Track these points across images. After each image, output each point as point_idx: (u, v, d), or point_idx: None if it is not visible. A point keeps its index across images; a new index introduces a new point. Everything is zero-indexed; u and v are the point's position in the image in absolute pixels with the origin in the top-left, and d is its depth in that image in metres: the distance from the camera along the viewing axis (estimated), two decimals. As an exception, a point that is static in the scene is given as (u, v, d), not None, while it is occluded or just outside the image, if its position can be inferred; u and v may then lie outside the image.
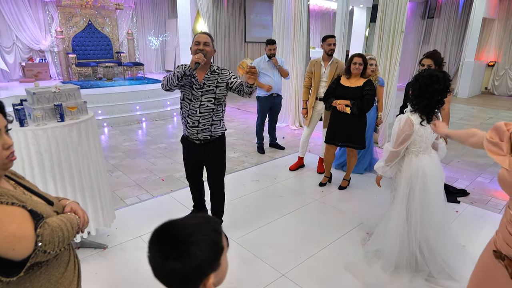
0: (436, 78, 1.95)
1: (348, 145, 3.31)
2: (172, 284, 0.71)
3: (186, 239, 0.69)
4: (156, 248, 0.70)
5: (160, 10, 9.87)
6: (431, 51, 3.04)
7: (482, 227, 2.83)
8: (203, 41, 2.25)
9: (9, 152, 0.89)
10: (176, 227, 0.72)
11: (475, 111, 7.73)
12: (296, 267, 2.29)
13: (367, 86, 3.10)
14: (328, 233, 2.70)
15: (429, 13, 10.88)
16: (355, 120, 3.18)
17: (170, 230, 0.71)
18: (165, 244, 0.69)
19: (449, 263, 2.12)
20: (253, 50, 11.50)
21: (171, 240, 0.69)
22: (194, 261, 0.67)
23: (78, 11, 7.57)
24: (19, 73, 7.63)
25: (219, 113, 2.38)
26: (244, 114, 6.94)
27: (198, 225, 0.72)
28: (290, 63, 5.71)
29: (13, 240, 0.82)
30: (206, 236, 0.70)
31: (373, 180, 3.72)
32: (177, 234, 0.70)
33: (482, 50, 9.96)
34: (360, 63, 3.12)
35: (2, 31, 7.27)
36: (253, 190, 3.47)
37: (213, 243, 0.71)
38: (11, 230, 0.82)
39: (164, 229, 0.72)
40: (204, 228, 0.72)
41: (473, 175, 3.95)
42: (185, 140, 2.49)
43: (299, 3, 5.46)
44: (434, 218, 2.12)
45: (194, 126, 2.33)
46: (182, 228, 0.71)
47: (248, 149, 4.75)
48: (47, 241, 0.90)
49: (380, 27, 4.60)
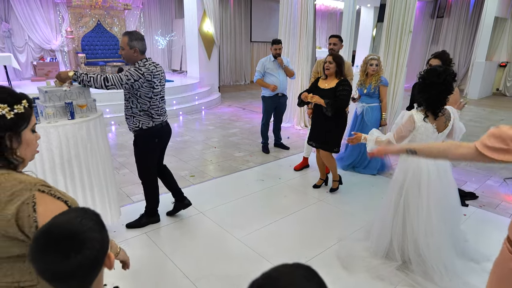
0: (435, 71, 1.95)
1: (321, 147, 3.22)
2: (82, 275, 0.69)
3: (79, 228, 0.68)
4: (52, 252, 0.66)
5: (167, 10, 9.96)
6: (439, 52, 3.00)
7: (491, 231, 2.78)
8: (120, 45, 2.40)
9: (37, 145, 1.02)
10: (57, 226, 0.69)
11: (485, 112, 7.59)
12: (299, 266, 2.29)
13: (339, 86, 3.00)
14: (332, 233, 2.69)
15: (439, 12, 10.72)
16: (331, 122, 3.08)
17: (58, 230, 0.68)
18: (62, 243, 0.66)
19: (439, 269, 2.09)
20: (259, 49, 11.50)
21: (66, 236, 0.67)
22: (96, 243, 0.68)
23: (88, 12, 7.69)
24: (30, 72, 7.79)
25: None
26: (249, 114, 6.95)
27: (84, 211, 0.73)
28: (296, 63, 5.70)
29: None
30: (89, 219, 0.71)
31: (381, 182, 3.70)
32: (68, 229, 0.68)
33: (493, 50, 9.77)
34: (330, 61, 3.01)
35: (15, 31, 7.44)
36: (257, 189, 3.47)
37: (94, 215, 0.72)
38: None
39: (50, 231, 0.68)
40: (78, 215, 0.72)
41: (483, 178, 3.88)
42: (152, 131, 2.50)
43: (305, 3, 5.44)
44: (429, 219, 2.11)
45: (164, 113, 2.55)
46: (64, 223, 0.69)
47: (253, 149, 4.76)
48: None
49: (387, 26, 4.56)
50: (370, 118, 3.72)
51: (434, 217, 2.11)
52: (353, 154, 3.96)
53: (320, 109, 3.10)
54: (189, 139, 5.18)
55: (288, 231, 2.74)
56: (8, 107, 0.89)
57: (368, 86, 3.64)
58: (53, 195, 0.90)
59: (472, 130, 6.03)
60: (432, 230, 2.12)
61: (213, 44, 8.08)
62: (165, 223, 2.78)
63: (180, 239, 2.60)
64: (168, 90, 6.77)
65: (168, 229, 2.71)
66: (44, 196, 0.88)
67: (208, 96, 7.81)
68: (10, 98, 0.91)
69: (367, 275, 2.21)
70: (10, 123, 0.89)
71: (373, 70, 3.57)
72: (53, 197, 0.90)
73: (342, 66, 3.03)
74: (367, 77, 3.66)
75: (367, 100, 3.72)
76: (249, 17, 10.93)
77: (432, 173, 2.11)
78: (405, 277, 2.17)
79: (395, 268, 2.22)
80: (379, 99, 3.69)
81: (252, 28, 11.09)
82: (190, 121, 6.32)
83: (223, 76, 10.69)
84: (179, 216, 2.91)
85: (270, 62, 4.30)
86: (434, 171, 2.12)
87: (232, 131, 5.63)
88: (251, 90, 10.02)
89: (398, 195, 2.19)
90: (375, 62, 3.55)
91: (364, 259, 2.31)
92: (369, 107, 3.72)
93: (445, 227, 2.16)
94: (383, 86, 3.62)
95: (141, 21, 9.41)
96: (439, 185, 2.12)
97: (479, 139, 1.22)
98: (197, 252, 2.44)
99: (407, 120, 2.08)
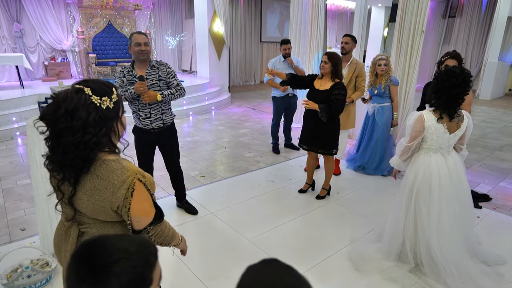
0: (454, 73, 1.95)
1: (313, 150, 3.11)
2: None
3: (107, 266, 0.60)
4: (73, 268, 0.62)
5: (177, 10, 10.01)
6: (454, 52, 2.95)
7: (505, 234, 2.74)
8: (143, 42, 2.45)
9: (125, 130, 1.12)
10: (101, 248, 0.63)
11: (498, 113, 7.46)
12: (312, 268, 2.28)
13: (334, 90, 2.83)
14: (343, 235, 2.67)
15: (450, 12, 10.57)
16: (323, 124, 2.92)
17: (94, 251, 0.63)
18: (83, 266, 0.61)
19: (451, 271, 2.06)
20: (269, 50, 11.49)
21: (91, 263, 0.61)
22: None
23: (99, 12, 7.77)
24: (42, 72, 7.91)
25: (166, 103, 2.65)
26: (259, 114, 6.95)
27: (128, 252, 0.63)
28: (307, 63, 5.68)
29: (142, 214, 1.08)
30: (132, 269, 0.62)
31: (391, 183, 3.66)
32: (99, 258, 0.61)
33: (506, 51, 9.59)
34: (325, 61, 2.85)
35: (27, 31, 7.56)
36: (268, 190, 3.47)
37: (139, 278, 0.63)
38: (146, 208, 1.08)
39: (88, 248, 0.63)
40: (134, 258, 0.63)
41: (496, 180, 3.82)
42: (137, 130, 2.70)
43: (316, 3, 5.41)
44: (441, 221, 2.09)
45: (147, 118, 2.58)
46: (108, 251, 0.62)
47: (263, 149, 4.75)
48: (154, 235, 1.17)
49: (399, 27, 4.51)
50: (381, 118, 3.69)
51: (445, 218, 2.09)
52: (364, 156, 3.93)
53: (311, 110, 2.96)
54: (199, 139, 5.21)
55: (299, 232, 2.73)
56: (109, 99, 0.99)
57: (379, 87, 3.62)
58: (144, 185, 1.05)
59: (484, 131, 5.93)
60: (444, 232, 2.09)
61: (223, 44, 8.10)
62: (175, 224, 2.80)
63: (190, 239, 2.61)
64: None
65: (179, 230, 2.72)
66: (140, 184, 1.04)
67: (218, 96, 7.83)
68: (107, 89, 1.00)
69: (379, 277, 2.19)
70: (114, 112, 1.00)
71: (382, 70, 3.54)
72: (144, 187, 1.06)
73: (339, 66, 2.86)
74: (376, 78, 3.64)
75: (378, 100, 3.70)
76: (259, 17, 10.93)
77: (443, 175, 2.09)
78: (418, 279, 2.15)
79: (408, 271, 2.20)
80: (390, 98, 3.66)
81: (262, 28, 11.08)
82: (200, 121, 6.35)
83: (232, 76, 10.70)
84: (189, 216, 2.93)
85: (280, 62, 4.29)
86: (445, 172, 2.10)
87: (242, 132, 5.64)
88: (261, 90, 10.02)
89: (409, 197, 2.18)
90: (383, 62, 3.53)
91: (376, 261, 2.30)
92: (380, 107, 3.70)
93: (457, 229, 2.13)
94: (394, 86, 3.60)
95: (152, 21, 9.48)
96: (450, 186, 2.10)
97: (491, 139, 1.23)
98: (207, 253, 2.45)
99: (416, 120, 2.08)
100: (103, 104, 0.98)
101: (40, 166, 2.16)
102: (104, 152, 1.03)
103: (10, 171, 3.83)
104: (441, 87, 1.98)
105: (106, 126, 0.99)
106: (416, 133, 2.08)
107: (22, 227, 2.73)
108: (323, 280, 2.18)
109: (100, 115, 0.97)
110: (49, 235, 2.27)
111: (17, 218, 2.86)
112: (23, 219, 2.85)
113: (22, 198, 3.20)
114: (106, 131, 0.99)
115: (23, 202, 3.13)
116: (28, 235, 2.62)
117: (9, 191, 3.35)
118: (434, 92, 2.02)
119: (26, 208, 3.01)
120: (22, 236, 2.61)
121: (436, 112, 2.06)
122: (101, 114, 0.97)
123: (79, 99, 0.94)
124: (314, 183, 3.45)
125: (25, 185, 3.46)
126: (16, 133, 5.09)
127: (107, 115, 0.99)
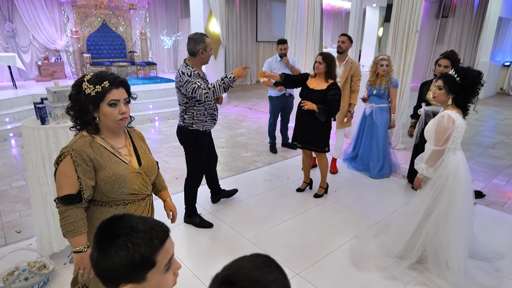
0: (474, 72, 2.04)
1: (306, 147, 3.17)
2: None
3: (113, 238, 0.68)
4: (94, 236, 0.72)
5: (173, 10, 9.96)
6: (449, 52, 3.00)
7: (498, 230, 2.78)
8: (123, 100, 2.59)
9: (122, 116, 1.28)
10: (117, 222, 0.72)
11: (490, 112, 7.57)
12: (311, 266, 2.30)
13: (330, 90, 2.88)
14: (342, 233, 2.69)
15: (443, 12, 10.69)
16: (315, 122, 2.98)
17: (111, 223, 0.72)
18: (100, 235, 0.71)
19: (453, 267, 2.09)
20: (265, 50, 11.50)
21: (103, 233, 0.71)
22: (106, 263, 0.67)
23: (93, 11, 7.70)
24: (35, 72, 7.82)
25: None
26: (256, 114, 6.95)
27: (135, 230, 0.70)
28: (303, 63, 5.69)
29: (56, 184, 1.27)
30: (132, 245, 0.68)
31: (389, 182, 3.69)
32: (110, 229, 0.71)
33: (497, 50, 9.75)
34: (319, 61, 2.89)
35: (19, 31, 7.46)
36: (266, 189, 3.48)
37: (139, 255, 0.68)
38: (60, 181, 1.25)
39: (110, 220, 0.73)
40: (138, 236, 0.69)
41: (489, 177, 3.88)
42: (202, 134, 2.67)
43: (312, 3, 5.43)
44: (455, 217, 2.11)
45: (216, 117, 2.72)
46: (120, 226, 0.71)
47: (261, 149, 4.76)
48: (58, 212, 1.27)
49: (394, 27, 4.55)
50: (379, 119, 3.68)
51: (460, 214, 2.12)
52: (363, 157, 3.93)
53: (303, 109, 2.99)
54: (195, 139, 5.19)
55: (297, 230, 2.74)
56: (93, 87, 1.22)
57: (378, 87, 3.59)
58: (75, 163, 1.22)
59: (477, 129, 6.01)
60: (455, 227, 2.12)
61: (219, 44, 8.08)
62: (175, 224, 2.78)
63: (190, 239, 2.61)
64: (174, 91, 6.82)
65: (178, 230, 2.72)
66: (69, 160, 1.22)
67: (213, 96, 7.81)
68: (97, 80, 1.23)
69: (378, 274, 2.21)
70: (92, 98, 1.23)
71: (383, 71, 3.51)
72: (73, 165, 1.22)
73: (333, 67, 2.90)
74: (377, 78, 3.61)
75: (376, 101, 3.68)
76: (255, 16, 10.93)
77: (466, 170, 2.13)
78: (417, 275, 2.18)
79: (407, 267, 2.22)
80: (388, 100, 3.66)
81: (258, 28, 11.09)
82: (196, 121, 6.32)
83: (228, 76, 10.69)
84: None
85: (277, 62, 4.30)
86: (467, 166, 2.15)
87: (239, 131, 5.64)
88: (258, 90, 10.02)
89: (436, 199, 2.15)
90: (385, 62, 3.50)
91: (375, 258, 2.32)
92: (378, 108, 3.69)
93: (464, 224, 2.16)
94: (394, 88, 3.58)
95: (147, 21, 9.42)
96: (468, 180, 2.15)
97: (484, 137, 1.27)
98: (207, 252, 2.44)
99: (448, 121, 2.06)
100: (87, 90, 1.23)
101: (36, 167, 2.14)
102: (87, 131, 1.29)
103: (4, 173, 3.78)
104: (463, 86, 2.03)
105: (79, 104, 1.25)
106: (449, 133, 2.07)
107: (17, 229, 2.70)
108: (321, 278, 2.19)
109: (80, 96, 1.25)
110: (46, 237, 2.24)
111: (13, 221, 2.82)
112: (19, 221, 2.82)
113: (17, 200, 3.16)
114: (79, 107, 1.25)
115: (18, 204, 3.09)
116: (24, 237, 2.59)
117: (3, 193, 3.30)
118: (465, 93, 2.05)
119: (21, 211, 2.98)
120: (18, 238, 2.58)
121: (459, 110, 2.09)
122: (82, 96, 1.24)
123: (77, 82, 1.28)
124: (311, 182, 3.47)
125: (20, 187, 3.41)
126: (9, 134, 5.02)
127: (84, 98, 1.24)
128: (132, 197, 1.34)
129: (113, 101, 1.25)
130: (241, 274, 0.61)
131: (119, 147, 1.34)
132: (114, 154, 1.30)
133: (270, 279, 0.61)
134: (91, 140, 1.27)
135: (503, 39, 9.71)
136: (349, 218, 2.93)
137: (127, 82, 1.33)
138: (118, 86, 1.26)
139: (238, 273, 0.61)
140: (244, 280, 0.60)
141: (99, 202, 1.31)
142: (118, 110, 1.26)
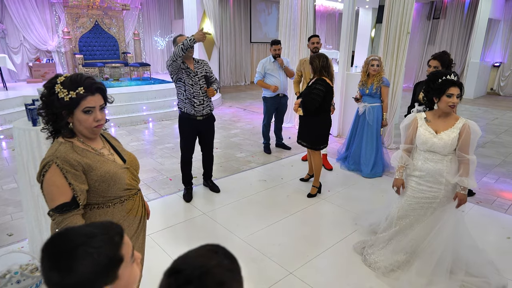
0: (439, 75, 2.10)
1: (299, 142, 3.35)
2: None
3: (70, 252, 0.66)
4: (43, 260, 0.68)
5: (166, 10, 9.93)
6: (439, 53, 3.05)
7: (488, 227, 2.83)
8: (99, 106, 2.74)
9: (97, 124, 1.24)
10: (65, 238, 0.69)
11: (480, 111, 7.70)
12: (304, 265, 2.32)
13: (313, 85, 3.08)
14: (335, 232, 2.72)
15: (435, 13, 10.85)
16: (314, 120, 3.17)
17: (57, 243, 0.68)
18: (50, 257, 0.67)
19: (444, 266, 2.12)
20: (259, 50, 11.52)
21: (56, 254, 0.67)
22: (73, 278, 0.65)
23: (85, 12, 7.64)
24: (26, 74, 7.72)
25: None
26: (250, 115, 6.97)
27: (89, 236, 0.68)
28: (296, 64, 5.72)
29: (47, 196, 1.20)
30: (95, 250, 0.66)
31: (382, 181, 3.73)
32: (63, 248, 0.67)
33: (487, 51, 9.92)
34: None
35: (9, 31, 7.36)
36: (260, 189, 3.49)
37: (105, 257, 0.67)
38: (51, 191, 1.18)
39: (52, 241, 0.69)
40: (96, 239, 0.68)
41: (479, 175, 3.94)
42: (185, 117, 2.98)
43: (305, 4, 5.47)
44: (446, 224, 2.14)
45: (201, 104, 2.93)
46: (71, 239, 0.68)
47: (255, 149, 4.78)
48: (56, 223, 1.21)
49: (386, 28, 4.61)
50: (372, 118, 3.77)
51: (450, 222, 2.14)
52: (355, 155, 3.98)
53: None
54: (189, 140, 5.18)
55: (291, 230, 2.76)
56: (67, 92, 1.17)
57: (370, 87, 3.69)
58: (63, 170, 1.16)
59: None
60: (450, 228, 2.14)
61: (213, 45, 8.08)
62: (168, 225, 2.79)
63: (183, 240, 2.61)
64: (169, 91, 6.80)
65: (171, 231, 2.72)
66: (56, 169, 1.16)
67: (207, 97, 7.81)
68: (71, 85, 1.17)
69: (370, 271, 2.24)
70: (65, 103, 1.18)
71: (374, 70, 3.63)
72: (62, 173, 1.16)
73: (313, 65, 3.08)
74: (368, 78, 3.72)
75: (369, 100, 3.77)
76: (249, 17, 10.95)
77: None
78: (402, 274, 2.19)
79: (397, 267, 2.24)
80: (380, 99, 3.74)
81: (252, 28, 11.11)
82: (190, 122, 6.31)
83: (223, 77, 10.68)
84: (182, 217, 2.92)
85: (270, 63, 4.32)
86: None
87: (233, 132, 5.65)
88: (252, 91, 10.04)
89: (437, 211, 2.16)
90: (376, 62, 3.61)
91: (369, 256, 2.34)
92: (371, 107, 3.77)
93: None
94: (385, 87, 3.69)
95: (140, 22, 9.37)
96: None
97: None
98: (202, 253, 2.44)
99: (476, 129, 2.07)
100: (60, 93, 1.17)
101: (27, 169, 2.12)
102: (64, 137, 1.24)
103: (-5, 175, 3.73)
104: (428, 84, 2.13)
105: (52, 108, 1.19)
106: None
107: (9, 232, 2.67)
108: (315, 276, 2.21)
109: (53, 99, 1.19)
110: (38, 239, 2.23)
111: (4, 223, 2.79)
112: (10, 224, 2.79)
113: (8, 203, 3.12)
114: (51, 111, 1.20)
115: (10, 207, 3.06)
116: (16, 240, 2.56)
117: (-6, 195, 3.26)
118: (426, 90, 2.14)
119: (13, 213, 2.94)
120: (10, 241, 2.55)
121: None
122: (55, 99, 1.18)
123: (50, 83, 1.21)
124: (314, 175, 3.56)
125: (11, 190, 3.38)
126: (0, 136, 4.95)
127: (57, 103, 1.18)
128: (127, 192, 1.34)
129: (88, 108, 1.20)
130: (186, 262, 0.66)
131: (99, 148, 1.31)
132: (98, 155, 1.28)
133: (212, 264, 0.65)
134: (71, 145, 1.23)
135: (493, 40, 9.88)
136: (342, 218, 2.96)
137: (104, 87, 1.27)
138: (94, 93, 1.20)
139: (183, 262, 0.66)
140: (188, 268, 0.64)
141: (96, 205, 1.28)
142: (93, 117, 1.22)
